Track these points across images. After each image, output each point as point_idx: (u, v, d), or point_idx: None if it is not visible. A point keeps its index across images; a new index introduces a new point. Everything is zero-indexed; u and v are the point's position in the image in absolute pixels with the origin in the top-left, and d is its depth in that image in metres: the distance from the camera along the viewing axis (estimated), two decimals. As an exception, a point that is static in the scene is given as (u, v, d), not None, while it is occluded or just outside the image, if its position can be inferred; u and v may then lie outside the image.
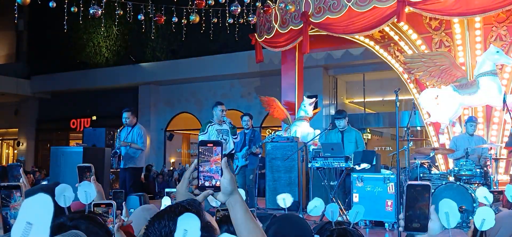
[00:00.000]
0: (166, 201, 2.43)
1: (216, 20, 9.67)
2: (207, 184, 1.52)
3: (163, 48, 18.30)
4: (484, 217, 1.39)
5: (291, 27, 9.68)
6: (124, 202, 2.59)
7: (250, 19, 9.51)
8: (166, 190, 2.05)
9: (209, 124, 7.67)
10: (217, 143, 1.54)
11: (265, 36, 10.34)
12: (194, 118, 17.28)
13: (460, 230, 5.82)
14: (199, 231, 1.11)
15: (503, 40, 8.39)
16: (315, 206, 2.09)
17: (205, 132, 7.62)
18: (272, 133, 8.98)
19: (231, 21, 9.41)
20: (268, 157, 8.93)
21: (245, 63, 14.99)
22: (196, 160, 1.54)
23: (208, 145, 1.54)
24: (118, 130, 8.60)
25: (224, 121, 7.73)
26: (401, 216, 1.51)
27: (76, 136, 19.93)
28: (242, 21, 9.82)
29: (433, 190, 6.53)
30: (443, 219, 1.42)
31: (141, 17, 9.42)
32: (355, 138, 7.82)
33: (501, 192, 2.79)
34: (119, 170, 8.71)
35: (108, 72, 18.97)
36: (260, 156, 8.88)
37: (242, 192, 1.68)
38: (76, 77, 19.40)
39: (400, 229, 1.50)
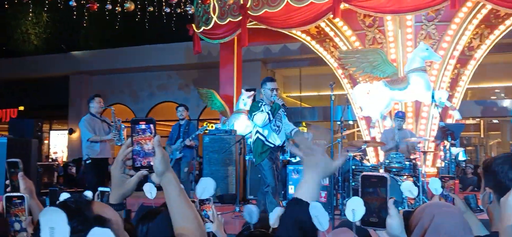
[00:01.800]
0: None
1: (152, 9, 9.43)
2: (141, 164, 1.45)
3: (96, 36, 17.60)
4: (354, 208, 1.34)
5: (229, 19, 9.62)
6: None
7: (187, 9, 9.35)
8: (100, 189, 1.93)
9: (261, 104, 6.02)
10: (149, 121, 1.46)
11: (203, 27, 10.20)
12: (128, 110, 16.79)
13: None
14: (67, 226, 1.01)
15: (432, 38, 8.80)
16: (205, 188, 2.04)
17: (261, 110, 5.92)
18: (205, 124, 8.87)
19: (168, 10, 9.20)
20: (205, 150, 8.85)
21: (182, 54, 14.76)
22: (129, 140, 1.46)
23: (141, 123, 1.46)
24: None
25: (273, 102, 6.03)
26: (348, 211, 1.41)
27: (3, 127, 18.80)
28: (179, 10, 9.64)
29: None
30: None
31: (72, 3, 8.98)
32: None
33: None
34: None
35: (37, 61, 17.98)
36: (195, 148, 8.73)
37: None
38: (2, 65, 18.24)
39: (357, 223, 1.40)
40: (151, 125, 1.45)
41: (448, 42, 8.72)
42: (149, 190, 1.98)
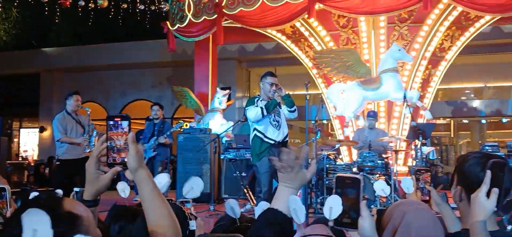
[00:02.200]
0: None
1: (125, 6, 9.31)
2: (115, 160, 1.45)
3: (68, 33, 17.25)
4: (332, 205, 1.37)
5: (204, 17, 9.57)
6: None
7: (162, 6, 9.27)
8: (75, 189, 1.91)
9: (258, 99, 5.86)
10: (124, 118, 1.47)
11: (178, 25, 10.13)
12: (101, 108, 16.53)
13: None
14: (49, 229, 1.00)
15: (405, 39, 8.95)
16: (192, 188, 2.05)
17: (255, 105, 5.73)
18: (180, 122, 8.80)
19: (142, 7, 9.11)
20: (179, 149, 8.80)
21: (156, 52, 14.60)
22: (104, 136, 1.45)
23: (116, 119, 1.46)
24: None
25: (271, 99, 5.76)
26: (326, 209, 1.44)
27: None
28: (154, 8, 9.55)
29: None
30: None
31: (44, -2, 8.80)
32: None
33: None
34: None
35: (7, 57, 17.51)
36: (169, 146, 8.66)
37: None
38: (-31, 61, 17.73)
39: (330, 223, 1.42)
40: (126, 122, 1.45)
41: (420, 43, 8.89)
42: (123, 189, 1.96)
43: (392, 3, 8.20)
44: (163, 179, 2.02)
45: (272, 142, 5.64)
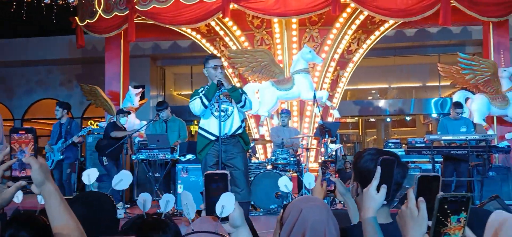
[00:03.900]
0: None
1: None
2: (19, 174, 1.43)
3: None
4: (224, 204, 1.45)
5: (115, 13, 9.27)
6: None
7: (70, 1, 8.83)
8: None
9: (202, 89, 4.92)
10: (29, 131, 1.44)
11: (88, 20, 9.70)
12: (4, 108, 15.38)
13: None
14: None
15: (315, 41, 9.29)
16: (121, 180, 2.06)
17: (193, 99, 4.87)
18: (89, 125, 8.45)
19: (48, 1, 8.61)
20: (89, 150, 8.44)
21: (65, 48, 13.87)
22: (8, 149, 1.38)
23: (20, 132, 1.43)
24: None
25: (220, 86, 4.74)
26: (202, 206, 1.51)
27: None
28: (61, 2, 9.07)
29: (252, 178, 6.91)
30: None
31: None
32: (179, 126, 7.84)
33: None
34: None
35: None
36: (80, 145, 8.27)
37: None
38: None
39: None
40: (30, 135, 1.40)
41: (329, 45, 9.27)
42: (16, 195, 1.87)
43: (303, 6, 8.48)
44: (91, 171, 2.01)
45: (214, 138, 4.78)
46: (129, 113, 8.36)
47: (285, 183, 1.83)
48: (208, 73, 4.82)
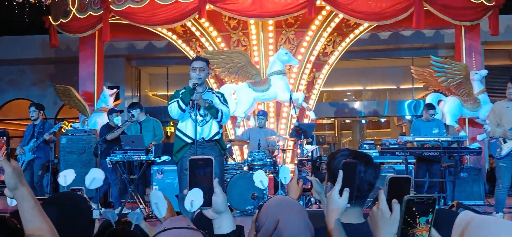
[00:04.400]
0: None
1: (1, -3, 8.55)
2: None
3: None
4: (193, 199, 1.47)
5: (90, 12, 9.13)
6: None
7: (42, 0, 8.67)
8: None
9: (183, 90, 4.81)
10: (1, 133, 1.43)
11: (61, 19, 9.53)
12: (-26, 109, 15.02)
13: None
14: None
15: (292, 43, 9.34)
16: (94, 178, 2.05)
17: (171, 102, 4.82)
18: (60, 122, 8.30)
19: (20, 0, 8.43)
20: (62, 152, 8.30)
21: (38, 48, 13.60)
22: None
23: None
24: None
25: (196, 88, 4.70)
26: (186, 191, 1.51)
27: None
28: (33, 1, 8.89)
29: (228, 180, 6.90)
30: (187, 205, 1.45)
31: None
32: (153, 126, 7.76)
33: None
34: None
35: None
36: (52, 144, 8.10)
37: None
38: None
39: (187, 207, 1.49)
40: (3, 138, 1.42)
41: (305, 47, 9.33)
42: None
43: (279, 8, 8.52)
44: (68, 172, 1.99)
45: (191, 140, 4.77)
46: (121, 111, 8.21)
47: (260, 179, 1.84)
48: (191, 77, 4.78)
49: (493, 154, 6.27)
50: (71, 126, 10.11)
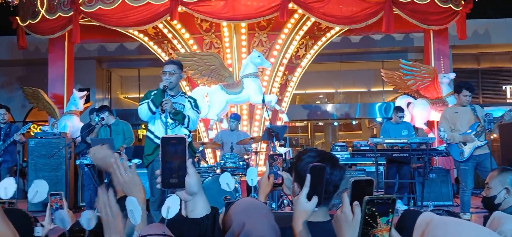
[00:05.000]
0: None
1: (-35, -3, 8.32)
2: None
3: None
4: (170, 205, 1.43)
5: (59, 13, 8.97)
6: None
7: (9, 0, 8.47)
8: None
9: (155, 92, 4.86)
10: None
11: (30, 20, 9.32)
12: None
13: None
14: None
15: (264, 46, 9.38)
16: (37, 192, 1.99)
17: (142, 103, 4.90)
18: (28, 123, 8.13)
19: (-15, -1, 8.22)
20: (31, 155, 8.12)
21: (5, 49, 13.26)
22: None
23: None
24: None
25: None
26: (158, 171, 1.46)
27: None
28: (0, 1, 8.68)
29: (201, 182, 6.86)
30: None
31: None
32: (123, 129, 7.66)
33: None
34: None
35: None
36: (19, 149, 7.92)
37: None
38: None
39: (158, 186, 1.45)
40: None
41: (278, 50, 9.38)
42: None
43: (251, 11, 8.54)
44: (8, 184, 1.91)
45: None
46: (105, 109, 7.92)
47: (227, 181, 1.83)
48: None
49: (455, 158, 6.42)
50: (40, 129, 9.90)
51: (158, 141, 4.77)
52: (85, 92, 10.01)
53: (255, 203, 1.76)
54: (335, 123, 16.69)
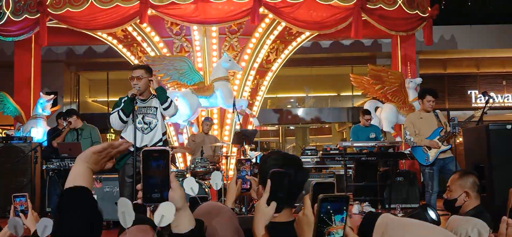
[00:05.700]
0: None
1: None
2: None
3: None
4: (164, 213, 1.34)
5: (26, 15, 8.77)
6: None
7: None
8: None
9: (126, 98, 4.84)
10: None
11: (-6, 22, 9.09)
12: None
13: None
14: None
15: (235, 50, 9.39)
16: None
17: (112, 112, 4.92)
18: None
19: None
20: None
21: (-32, 51, 12.90)
22: None
23: None
24: None
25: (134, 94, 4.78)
26: (139, 186, 1.39)
27: None
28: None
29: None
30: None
31: None
32: (90, 133, 7.53)
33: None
34: None
35: None
36: None
37: None
38: None
39: (139, 201, 1.38)
40: None
41: (249, 54, 9.41)
42: None
43: (222, 14, 8.55)
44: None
45: (133, 148, 4.75)
46: (73, 113, 7.69)
47: (191, 185, 1.82)
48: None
49: (420, 162, 6.57)
50: (5, 133, 9.65)
51: (131, 148, 4.71)
52: (52, 96, 9.81)
53: (217, 207, 1.77)
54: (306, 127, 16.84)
